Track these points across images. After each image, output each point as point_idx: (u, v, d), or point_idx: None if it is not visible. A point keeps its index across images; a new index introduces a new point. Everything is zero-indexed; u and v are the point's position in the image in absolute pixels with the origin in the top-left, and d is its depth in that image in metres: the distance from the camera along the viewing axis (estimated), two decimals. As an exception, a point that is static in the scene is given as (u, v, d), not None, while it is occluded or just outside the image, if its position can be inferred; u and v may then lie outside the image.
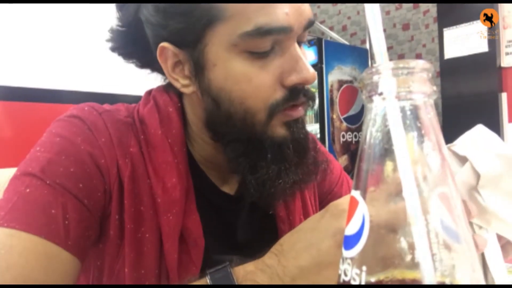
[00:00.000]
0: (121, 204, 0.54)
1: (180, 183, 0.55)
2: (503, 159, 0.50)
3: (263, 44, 0.50)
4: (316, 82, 3.80)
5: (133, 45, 0.60)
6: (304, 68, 0.52)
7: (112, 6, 0.59)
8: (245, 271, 0.46)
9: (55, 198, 0.48)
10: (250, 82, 0.51)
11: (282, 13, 0.49)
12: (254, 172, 0.55)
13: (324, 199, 0.74)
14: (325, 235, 0.45)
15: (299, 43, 0.56)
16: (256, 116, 0.53)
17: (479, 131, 0.55)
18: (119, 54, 0.62)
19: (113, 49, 0.62)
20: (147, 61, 0.61)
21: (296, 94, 0.53)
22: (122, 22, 0.59)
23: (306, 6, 0.53)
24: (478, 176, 0.49)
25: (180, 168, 0.56)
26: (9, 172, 0.73)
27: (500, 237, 0.52)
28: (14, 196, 0.48)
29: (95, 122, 0.55)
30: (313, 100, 0.57)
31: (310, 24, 0.54)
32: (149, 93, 0.64)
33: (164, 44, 0.53)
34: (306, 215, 0.66)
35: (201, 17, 0.50)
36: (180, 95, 0.61)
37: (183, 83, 0.56)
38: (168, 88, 0.62)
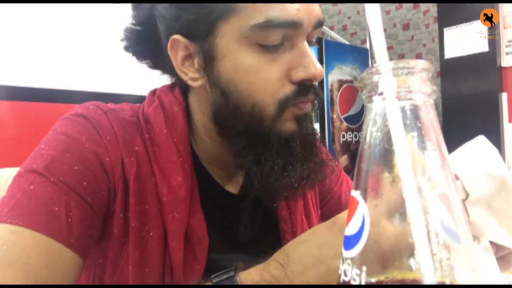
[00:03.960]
0: (126, 203, 0.54)
1: (185, 182, 0.55)
2: (493, 180, 0.51)
3: (273, 37, 0.51)
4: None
5: (147, 44, 0.60)
6: (312, 64, 0.52)
7: (114, 6, 0.60)
8: (251, 282, 0.46)
9: (59, 195, 0.48)
10: (258, 75, 0.51)
11: (293, 8, 0.50)
12: (258, 164, 0.54)
13: (324, 199, 0.75)
14: (335, 253, 0.44)
15: (309, 42, 0.56)
16: (265, 110, 0.53)
17: (478, 144, 0.54)
18: (133, 53, 0.62)
19: (126, 48, 0.62)
20: (160, 61, 0.61)
21: (305, 89, 0.53)
22: (136, 21, 0.59)
23: (316, 6, 0.54)
24: (467, 193, 0.50)
25: (185, 167, 0.56)
26: (12, 171, 0.73)
27: (502, 248, 0.53)
28: (18, 192, 0.48)
29: (100, 121, 0.55)
30: (320, 98, 0.57)
31: (319, 23, 0.54)
32: (153, 92, 0.64)
33: (175, 36, 0.54)
34: (307, 215, 0.66)
35: (213, 9, 0.51)
36: (185, 93, 0.62)
37: (191, 76, 0.56)
38: (172, 87, 0.62)
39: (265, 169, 0.54)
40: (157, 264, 0.54)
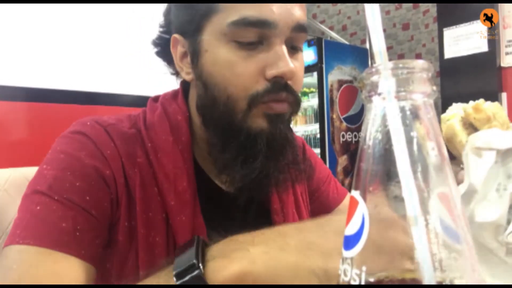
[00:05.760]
0: (130, 211, 0.56)
1: (190, 187, 0.58)
2: None
3: (248, 35, 0.54)
4: (316, 82, 3.80)
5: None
6: (285, 63, 0.54)
7: (114, 7, 0.64)
8: (216, 242, 0.43)
9: (64, 212, 0.50)
10: (232, 69, 0.55)
11: (268, 9, 0.54)
12: (223, 153, 0.58)
13: (312, 196, 0.78)
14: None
15: (295, 48, 0.58)
16: (237, 104, 0.56)
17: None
18: (163, 59, 0.68)
19: (157, 54, 0.68)
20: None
21: (278, 87, 0.55)
22: (163, 28, 0.66)
23: (297, 10, 0.56)
24: None
25: (189, 173, 0.59)
26: (13, 171, 0.73)
27: None
28: (27, 214, 0.51)
29: (99, 136, 0.57)
30: (297, 102, 0.59)
31: (299, 27, 0.56)
32: (154, 100, 0.66)
33: (175, 35, 0.61)
34: (298, 210, 0.69)
35: (200, 9, 0.57)
36: (187, 99, 0.65)
37: (186, 71, 0.62)
38: (175, 95, 0.65)
39: (227, 158, 0.58)
40: None
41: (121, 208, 0.55)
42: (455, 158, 0.58)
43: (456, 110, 0.60)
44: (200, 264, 0.38)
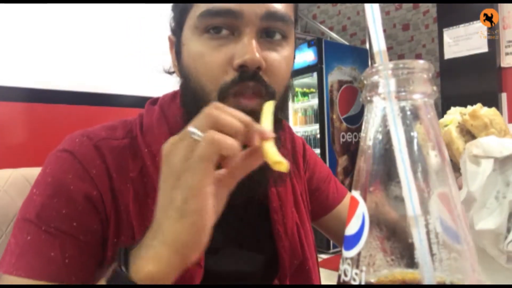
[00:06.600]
0: (118, 227, 0.56)
1: None
2: None
3: (216, 25, 0.55)
4: (316, 82, 3.80)
5: None
6: (248, 51, 0.53)
7: (115, 7, 0.63)
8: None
9: (52, 242, 0.52)
10: (202, 59, 0.55)
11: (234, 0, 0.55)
12: None
13: (312, 196, 0.77)
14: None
15: (273, 37, 0.57)
16: (209, 96, 0.55)
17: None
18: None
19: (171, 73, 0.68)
20: None
21: (245, 77, 0.54)
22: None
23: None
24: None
25: None
26: (13, 172, 0.73)
27: None
28: (20, 242, 0.52)
29: (86, 154, 0.57)
30: (271, 94, 0.56)
31: (270, 15, 0.55)
32: (152, 103, 0.66)
33: (170, 35, 0.63)
34: (297, 208, 0.68)
35: (181, 7, 0.59)
36: None
37: (178, 70, 0.62)
38: (174, 96, 0.65)
39: None
40: None
41: (110, 225, 0.56)
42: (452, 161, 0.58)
43: (454, 115, 0.59)
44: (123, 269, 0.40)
